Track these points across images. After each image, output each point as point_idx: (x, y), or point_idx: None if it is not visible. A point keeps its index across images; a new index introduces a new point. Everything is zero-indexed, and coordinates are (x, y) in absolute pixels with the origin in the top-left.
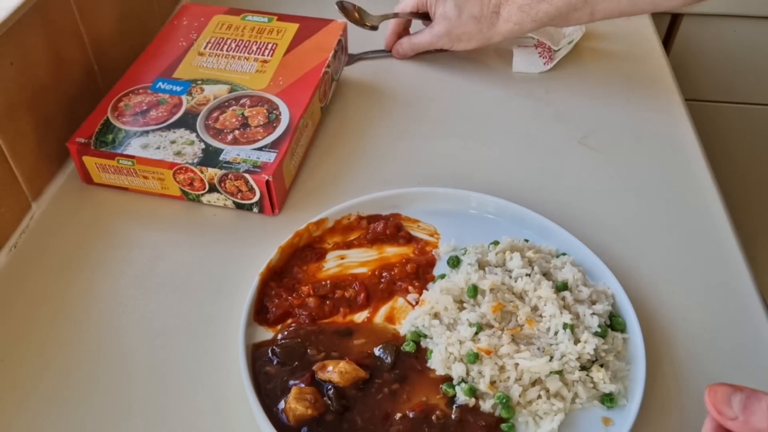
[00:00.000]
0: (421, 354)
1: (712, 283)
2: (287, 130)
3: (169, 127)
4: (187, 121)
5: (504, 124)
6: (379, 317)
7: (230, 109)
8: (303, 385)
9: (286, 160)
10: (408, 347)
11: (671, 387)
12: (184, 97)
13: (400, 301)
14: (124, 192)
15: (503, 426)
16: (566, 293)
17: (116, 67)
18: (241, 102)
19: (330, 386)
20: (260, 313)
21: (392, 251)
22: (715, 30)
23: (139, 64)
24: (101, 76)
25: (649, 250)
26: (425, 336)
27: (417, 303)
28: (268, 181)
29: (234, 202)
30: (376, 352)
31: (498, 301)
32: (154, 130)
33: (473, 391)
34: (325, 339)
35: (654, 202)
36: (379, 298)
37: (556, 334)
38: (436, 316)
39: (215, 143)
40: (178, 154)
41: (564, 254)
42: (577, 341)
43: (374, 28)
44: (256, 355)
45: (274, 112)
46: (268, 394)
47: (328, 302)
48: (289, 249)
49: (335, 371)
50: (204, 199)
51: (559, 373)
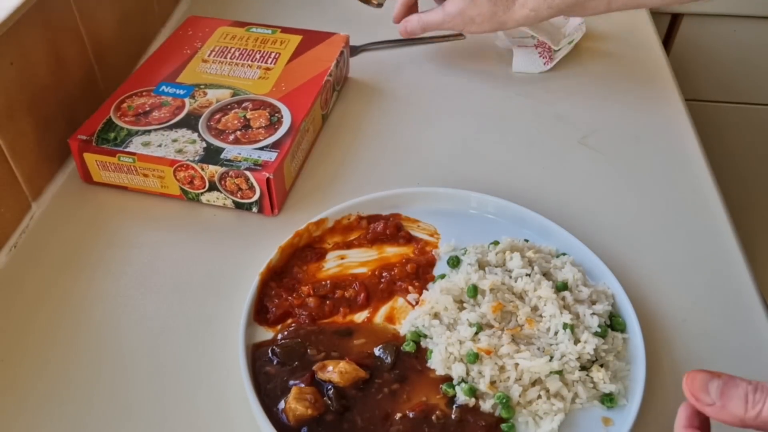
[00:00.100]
0: (421, 354)
1: (712, 283)
2: (289, 132)
3: (171, 127)
4: (190, 122)
5: (504, 124)
6: (379, 317)
7: (232, 111)
8: (303, 385)
9: (287, 160)
10: (408, 347)
11: (671, 387)
12: (187, 100)
13: (400, 301)
14: (124, 192)
15: (503, 426)
16: (566, 293)
17: (116, 68)
18: (244, 105)
19: (330, 386)
20: (260, 313)
21: (392, 251)
22: (715, 30)
23: (143, 69)
24: (101, 76)
25: (649, 250)
26: (425, 336)
27: (417, 303)
28: (268, 179)
29: (234, 202)
30: (376, 352)
31: (498, 301)
32: (156, 130)
33: (473, 391)
34: (325, 339)
35: (654, 202)
36: (379, 298)
37: (556, 334)
38: (436, 316)
39: (217, 142)
40: (180, 152)
41: (564, 254)
42: (577, 341)
43: (380, 5)
44: (256, 355)
45: (276, 115)
46: (268, 394)
47: (328, 302)
48: (289, 249)
49: (335, 371)
50: (204, 198)
51: (559, 373)
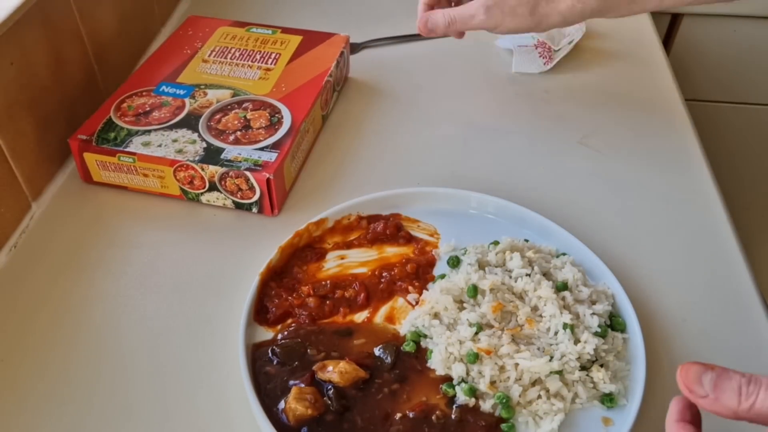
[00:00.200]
0: (421, 354)
1: (712, 283)
2: (289, 132)
3: (172, 127)
4: (190, 122)
5: (504, 124)
6: (379, 317)
7: (233, 111)
8: (303, 385)
9: (287, 161)
10: (408, 347)
11: (671, 387)
12: (187, 100)
13: (400, 301)
14: (124, 192)
15: (503, 426)
16: (566, 293)
17: (116, 68)
18: (244, 105)
19: (330, 386)
20: (260, 313)
21: (392, 251)
22: (715, 30)
23: (143, 69)
24: (101, 77)
25: (649, 250)
26: (425, 336)
27: (417, 303)
28: (268, 179)
29: (234, 202)
30: (376, 352)
31: (498, 301)
32: (156, 130)
33: (473, 391)
34: (325, 339)
35: (654, 202)
36: (379, 298)
37: (556, 334)
38: (436, 316)
39: (217, 143)
40: (180, 152)
41: (564, 254)
42: (577, 341)
43: None
44: (256, 355)
45: (276, 115)
46: (268, 394)
47: (328, 302)
48: (289, 249)
49: (335, 371)
50: (203, 198)
51: (559, 373)
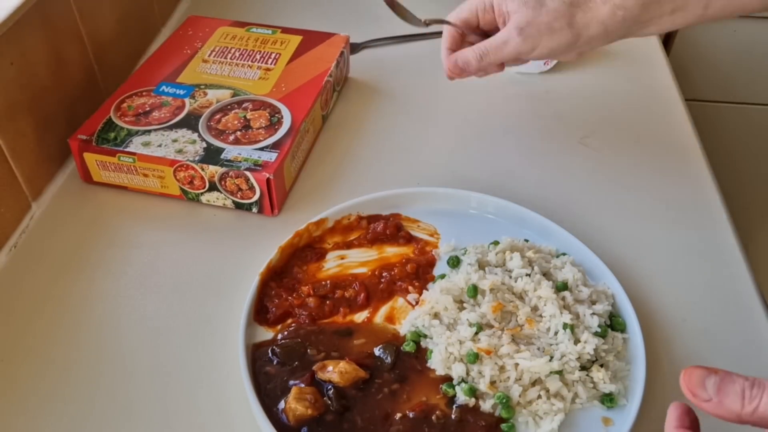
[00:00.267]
0: (421, 354)
1: (712, 283)
2: (289, 132)
3: (172, 127)
4: (190, 122)
5: (504, 124)
6: (379, 317)
7: (233, 111)
8: (303, 385)
9: (287, 161)
10: (408, 347)
11: (671, 387)
12: (187, 100)
13: (400, 301)
14: (124, 192)
15: (503, 426)
16: (566, 293)
17: (116, 68)
18: (244, 105)
19: (330, 386)
20: (260, 313)
21: (392, 251)
22: (715, 30)
23: (143, 69)
24: (101, 77)
25: (649, 250)
26: (425, 336)
27: (417, 303)
28: (268, 179)
29: (233, 202)
30: (376, 352)
31: (498, 301)
32: (156, 130)
33: (473, 391)
34: (325, 339)
35: (654, 202)
36: (379, 298)
37: (556, 334)
38: (436, 316)
39: (217, 143)
40: (180, 152)
41: (564, 254)
42: (577, 341)
43: (427, 24)
44: (256, 355)
45: (276, 115)
46: (268, 394)
47: (328, 302)
48: (289, 249)
49: (335, 371)
50: (203, 198)
51: (559, 373)
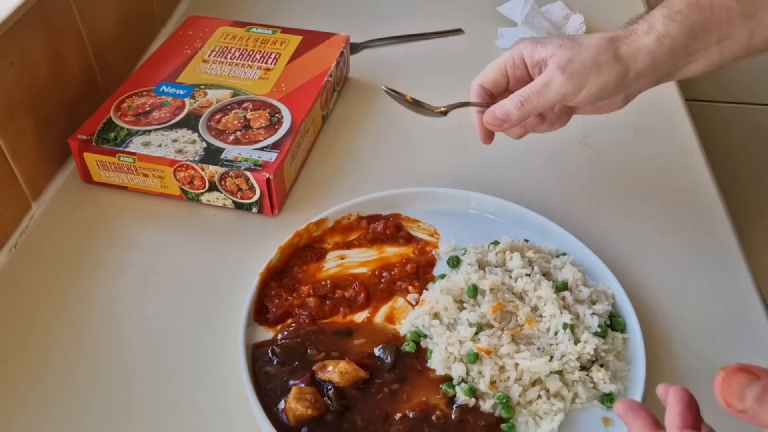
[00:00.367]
0: (421, 354)
1: (712, 283)
2: (289, 132)
3: (172, 127)
4: (190, 122)
5: None
6: (379, 317)
7: (233, 111)
8: (303, 385)
9: (287, 161)
10: (408, 347)
11: None
12: (187, 100)
13: (400, 301)
14: (124, 192)
15: (503, 426)
16: (566, 293)
17: (116, 68)
18: (244, 105)
19: (330, 386)
20: (260, 313)
21: (392, 251)
22: None
23: (143, 69)
24: (101, 76)
25: (649, 250)
26: (425, 336)
27: (417, 303)
28: (268, 179)
29: (233, 202)
30: (376, 352)
31: (498, 301)
32: (156, 130)
33: (473, 391)
34: (325, 339)
35: (654, 202)
36: (379, 298)
37: (556, 334)
38: (436, 316)
39: (217, 143)
40: (180, 152)
41: (564, 254)
42: (577, 341)
43: (443, 114)
44: (256, 355)
45: (276, 115)
46: (268, 394)
47: (328, 302)
48: (289, 249)
49: (335, 371)
50: (203, 198)
51: (559, 373)
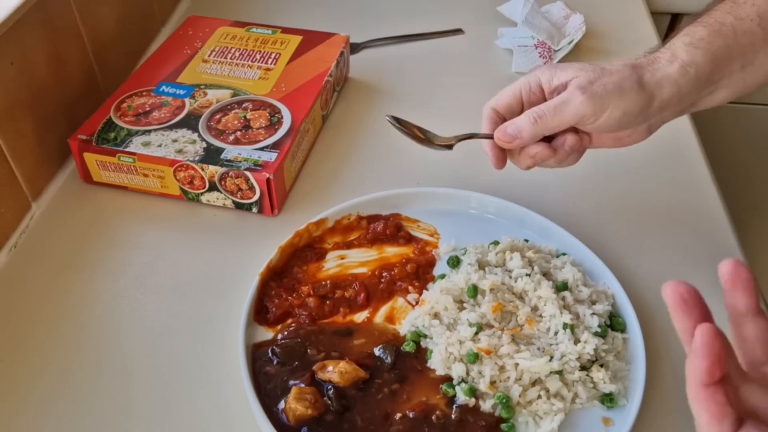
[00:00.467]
0: (421, 354)
1: (712, 283)
2: (289, 132)
3: (172, 127)
4: (190, 122)
5: None
6: (379, 317)
7: (233, 111)
8: (303, 385)
9: (287, 161)
10: (408, 347)
11: (671, 387)
12: (187, 100)
13: (400, 301)
14: (124, 192)
15: (503, 426)
16: (566, 293)
17: (116, 68)
18: (244, 105)
19: (330, 386)
20: (260, 313)
21: (392, 251)
22: None
23: (143, 69)
24: (101, 76)
25: (649, 250)
26: (425, 336)
27: (417, 303)
28: (268, 179)
29: (234, 202)
30: (376, 352)
31: (498, 301)
32: (156, 130)
33: (473, 391)
34: (325, 339)
35: (654, 202)
36: (379, 298)
37: (556, 334)
38: (436, 316)
39: (217, 143)
40: (180, 152)
41: (564, 254)
42: (577, 341)
43: (449, 147)
44: (256, 355)
45: (276, 115)
46: (268, 394)
47: (328, 302)
48: (289, 249)
49: (335, 371)
50: (203, 198)
51: (559, 373)
